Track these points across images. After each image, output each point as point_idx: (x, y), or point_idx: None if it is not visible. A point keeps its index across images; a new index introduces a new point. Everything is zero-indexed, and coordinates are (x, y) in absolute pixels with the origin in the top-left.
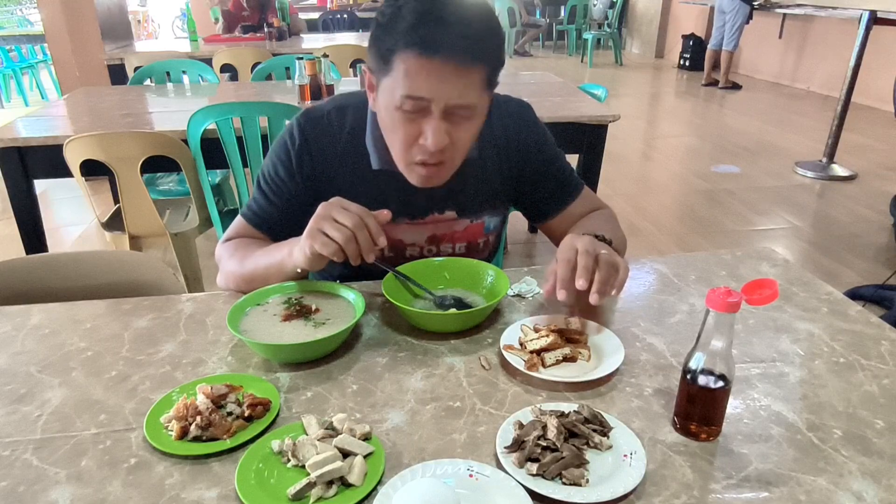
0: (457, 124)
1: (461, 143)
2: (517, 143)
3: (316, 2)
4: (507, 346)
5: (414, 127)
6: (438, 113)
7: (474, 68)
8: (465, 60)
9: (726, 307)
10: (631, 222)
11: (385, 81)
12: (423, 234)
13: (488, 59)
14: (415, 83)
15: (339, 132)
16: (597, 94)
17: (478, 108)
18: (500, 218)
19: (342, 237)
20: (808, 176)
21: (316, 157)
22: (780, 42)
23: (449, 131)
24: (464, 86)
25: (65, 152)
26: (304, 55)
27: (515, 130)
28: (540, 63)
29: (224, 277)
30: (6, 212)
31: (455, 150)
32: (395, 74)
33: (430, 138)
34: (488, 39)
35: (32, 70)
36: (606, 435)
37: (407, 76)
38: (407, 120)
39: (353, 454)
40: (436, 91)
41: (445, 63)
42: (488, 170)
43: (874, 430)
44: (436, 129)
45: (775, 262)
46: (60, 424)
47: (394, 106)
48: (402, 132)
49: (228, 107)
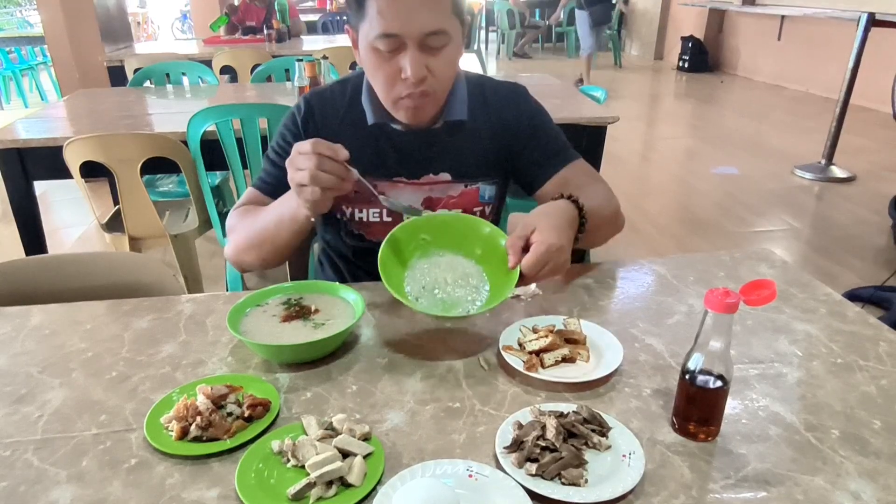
0: (433, 54)
1: (441, 73)
2: (509, 116)
3: (316, 4)
4: (506, 347)
5: (393, 64)
6: (414, 45)
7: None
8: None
9: (724, 308)
10: (630, 223)
11: (363, 27)
12: (418, 197)
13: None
14: (386, 20)
15: (340, 100)
16: (596, 95)
17: (450, 34)
18: (494, 188)
19: (310, 177)
20: (807, 178)
21: (320, 124)
22: (779, 44)
23: (427, 62)
24: (431, 10)
25: (65, 154)
26: (304, 57)
27: (508, 105)
28: (539, 65)
29: (232, 243)
30: (6, 213)
31: (436, 80)
32: (369, 16)
33: (408, 70)
34: None
35: (32, 72)
36: (605, 435)
37: (379, 14)
38: (386, 59)
39: (352, 454)
40: (406, 24)
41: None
42: (480, 134)
43: (871, 431)
44: (413, 60)
45: (774, 264)
46: (61, 425)
47: (372, 47)
48: (383, 71)
49: (228, 108)
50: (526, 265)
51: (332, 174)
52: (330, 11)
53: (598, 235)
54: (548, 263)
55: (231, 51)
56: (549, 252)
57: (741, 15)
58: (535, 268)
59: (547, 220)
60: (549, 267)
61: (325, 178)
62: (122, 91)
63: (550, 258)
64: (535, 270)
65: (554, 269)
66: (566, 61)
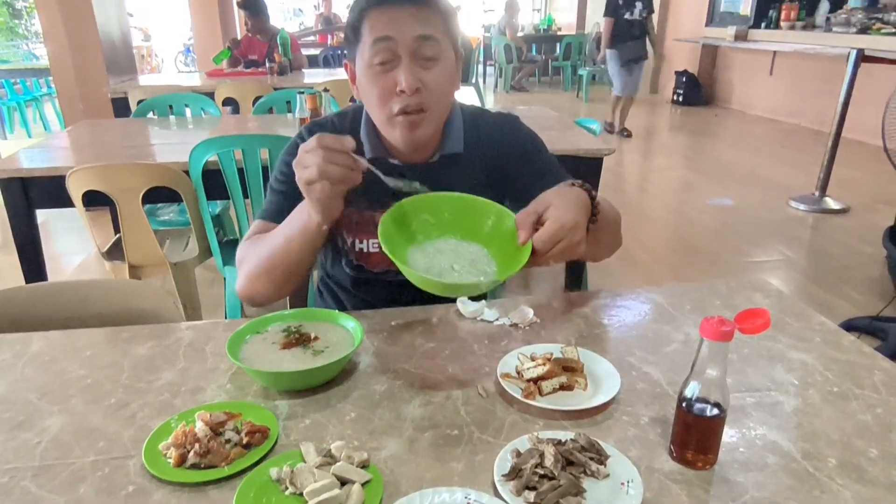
0: (426, 67)
1: (435, 88)
2: (502, 145)
3: (317, 38)
4: (504, 375)
5: (388, 78)
6: (406, 54)
7: (431, 11)
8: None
9: (719, 336)
10: (627, 253)
11: (359, 51)
12: None
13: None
14: (378, 28)
15: (340, 131)
16: (592, 128)
17: (442, 47)
18: None
19: (318, 171)
20: (802, 209)
21: None
22: (772, 78)
23: (420, 75)
24: (423, 19)
25: (67, 183)
26: (305, 89)
27: (501, 135)
28: (536, 98)
29: (244, 275)
30: (7, 241)
31: (431, 96)
32: (364, 36)
33: (402, 79)
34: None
35: (36, 103)
36: (603, 463)
37: (372, 27)
38: (380, 74)
39: (350, 482)
40: (398, 28)
41: (401, 8)
42: (474, 167)
43: (868, 459)
44: (407, 69)
45: (769, 293)
46: (59, 451)
47: (368, 66)
48: (378, 87)
49: (230, 139)
50: (539, 239)
51: (340, 165)
52: (331, 46)
53: (604, 238)
54: (562, 240)
55: (233, 83)
56: (563, 228)
57: (734, 50)
58: (549, 242)
59: (561, 198)
60: (564, 244)
61: (334, 169)
62: (125, 122)
63: (565, 235)
64: (548, 245)
65: (568, 247)
66: (563, 94)
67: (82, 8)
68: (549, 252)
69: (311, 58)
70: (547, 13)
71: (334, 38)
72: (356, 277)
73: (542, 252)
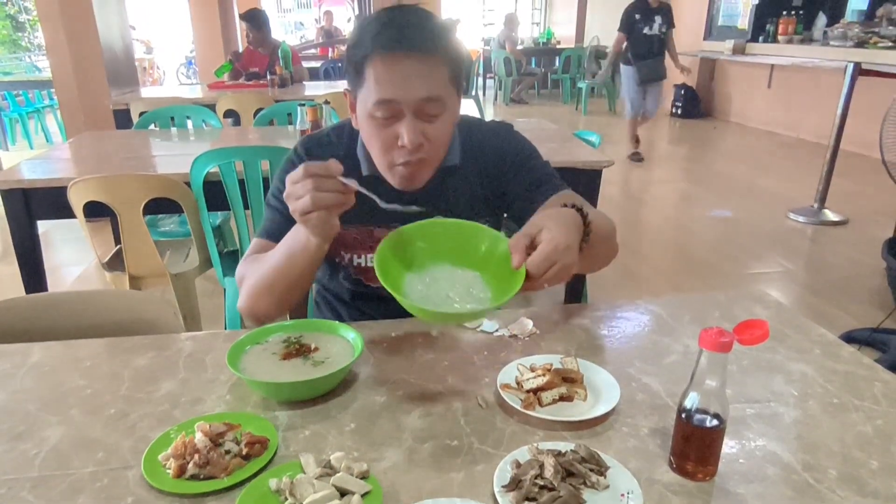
0: (430, 122)
1: (437, 141)
2: (496, 154)
3: (318, 51)
4: (504, 386)
5: (390, 132)
6: (410, 113)
7: (435, 59)
8: (426, 52)
9: (718, 347)
10: (626, 265)
11: (360, 93)
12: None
13: (448, 55)
14: (383, 86)
15: (336, 146)
16: (591, 140)
17: (447, 102)
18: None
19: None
20: (801, 221)
21: None
22: (769, 91)
23: (423, 129)
24: (428, 77)
25: (69, 194)
26: (306, 102)
27: (494, 143)
28: (536, 111)
29: (245, 294)
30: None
31: (432, 148)
32: (368, 83)
33: (405, 137)
34: (444, 36)
35: (38, 114)
36: (603, 474)
37: (377, 81)
38: (382, 126)
39: (350, 493)
40: (403, 90)
41: (409, 55)
42: (470, 178)
43: (869, 471)
44: (410, 127)
45: (768, 305)
46: (58, 463)
47: (369, 114)
48: (379, 138)
49: (231, 151)
50: (532, 263)
51: (331, 192)
52: (331, 59)
53: (599, 252)
54: (555, 263)
55: (235, 95)
56: (557, 250)
57: (732, 63)
58: (542, 266)
59: (554, 220)
60: (557, 267)
61: (326, 196)
62: (126, 133)
63: (558, 257)
64: (542, 269)
65: (562, 270)
66: (562, 107)
67: (85, 21)
68: (543, 275)
69: (311, 70)
70: (546, 27)
71: (335, 50)
72: (354, 291)
73: (537, 275)
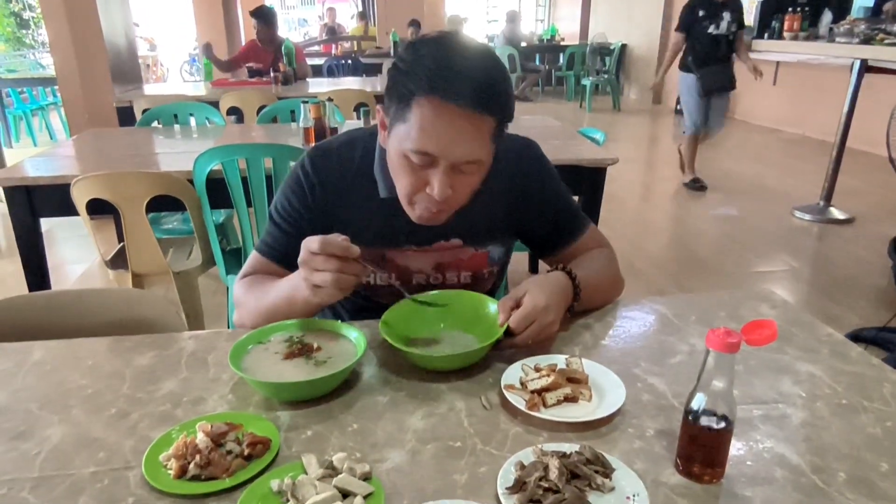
0: (461, 178)
1: (464, 193)
2: (521, 178)
3: (321, 48)
4: (507, 386)
5: (420, 176)
6: (445, 168)
7: (486, 118)
8: (478, 108)
9: (726, 347)
10: (631, 263)
11: (399, 127)
12: (429, 262)
13: (500, 109)
14: (427, 138)
15: (348, 164)
16: (595, 137)
17: (484, 163)
18: (504, 249)
19: (332, 281)
20: (807, 219)
21: (327, 189)
22: (775, 88)
23: (453, 184)
24: (472, 139)
25: (72, 191)
26: (309, 99)
27: (520, 167)
28: (539, 108)
29: (240, 317)
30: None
31: (457, 198)
32: (411, 121)
33: (435, 189)
34: (501, 90)
35: (42, 111)
36: (609, 476)
37: (421, 129)
38: (414, 168)
39: (352, 494)
40: (445, 148)
41: (460, 111)
42: (493, 202)
43: (879, 473)
44: (441, 182)
45: (775, 304)
46: (59, 462)
47: (403, 154)
48: (408, 179)
49: (234, 148)
50: (514, 320)
51: (351, 275)
52: (335, 56)
53: (595, 301)
54: (535, 321)
55: (238, 92)
56: (535, 309)
57: (737, 60)
58: (522, 322)
59: (538, 285)
60: (536, 325)
61: (346, 279)
62: (130, 131)
63: (537, 315)
64: (522, 325)
65: (541, 328)
66: (566, 104)
67: (89, 18)
68: (523, 331)
69: (315, 68)
70: (550, 23)
71: (338, 47)
72: (362, 305)
73: (518, 331)
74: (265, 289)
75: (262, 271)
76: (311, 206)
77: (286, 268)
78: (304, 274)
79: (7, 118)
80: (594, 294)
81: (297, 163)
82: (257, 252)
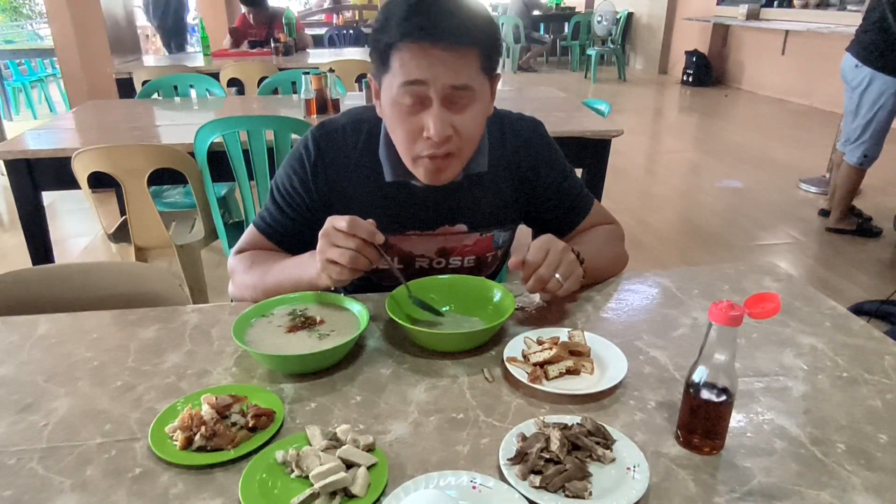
0: (458, 112)
1: (466, 133)
2: (528, 160)
3: (323, 18)
4: (510, 359)
5: (416, 120)
6: (438, 99)
7: (468, 50)
8: (457, 42)
9: (728, 321)
10: (634, 236)
11: (386, 79)
12: (433, 246)
13: (481, 42)
14: (410, 69)
15: (353, 145)
16: (600, 109)
17: (477, 91)
18: (509, 233)
19: (349, 258)
20: (812, 191)
21: (330, 170)
22: (783, 59)
23: (451, 120)
24: (459, 66)
25: (73, 164)
26: (311, 70)
27: (526, 148)
28: (544, 79)
29: (239, 289)
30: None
31: (461, 140)
32: (394, 68)
33: (432, 127)
34: (479, 23)
35: (42, 84)
36: (609, 448)
37: (403, 66)
38: (409, 113)
39: (356, 465)
40: (431, 73)
41: (438, 45)
42: (499, 185)
43: (877, 445)
44: (437, 116)
45: (778, 277)
46: (66, 434)
47: (395, 100)
48: (405, 126)
49: (235, 120)
50: (530, 253)
51: (368, 258)
52: (336, 25)
53: (598, 276)
54: (549, 251)
55: (238, 64)
56: (544, 240)
57: (745, 29)
58: (538, 252)
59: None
60: (553, 253)
61: (363, 262)
62: (130, 103)
63: (549, 244)
64: (539, 255)
65: (556, 256)
66: (570, 75)
67: None
68: (543, 261)
69: (316, 38)
70: None
71: (340, 17)
72: (361, 285)
73: (535, 261)
74: (268, 267)
75: (257, 247)
76: (311, 188)
77: (282, 247)
78: (322, 246)
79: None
80: (596, 270)
81: (300, 140)
82: (255, 228)
